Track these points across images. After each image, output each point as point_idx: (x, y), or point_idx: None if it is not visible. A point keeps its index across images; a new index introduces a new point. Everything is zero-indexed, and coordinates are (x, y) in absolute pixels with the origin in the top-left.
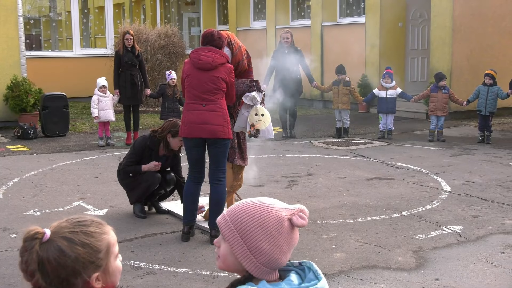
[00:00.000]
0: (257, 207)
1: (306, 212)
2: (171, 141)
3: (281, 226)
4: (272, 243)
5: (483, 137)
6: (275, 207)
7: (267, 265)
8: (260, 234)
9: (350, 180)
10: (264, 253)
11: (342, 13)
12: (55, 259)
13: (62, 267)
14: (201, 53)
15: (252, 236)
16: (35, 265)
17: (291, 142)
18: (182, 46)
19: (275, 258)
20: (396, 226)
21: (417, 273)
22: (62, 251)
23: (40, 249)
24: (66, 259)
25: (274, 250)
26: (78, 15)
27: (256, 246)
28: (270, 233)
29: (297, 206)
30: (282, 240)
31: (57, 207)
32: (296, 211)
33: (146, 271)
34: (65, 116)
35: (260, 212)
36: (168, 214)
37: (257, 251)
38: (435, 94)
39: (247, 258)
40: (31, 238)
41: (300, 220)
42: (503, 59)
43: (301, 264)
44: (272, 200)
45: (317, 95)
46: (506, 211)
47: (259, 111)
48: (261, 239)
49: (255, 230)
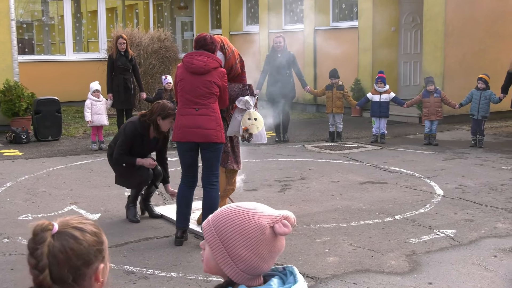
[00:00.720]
0: (240, 213)
1: (291, 219)
2: (161, 123)
3: (261, 234)
4: (252, 250)
5: (476, 141)
6: (258, 214)
7: (247, 271)
8: (240, 241)
9: (343, 184)
10: (243, 260)
11: (335, 18)
12: (70, 247)
13: (76, 256)
14: (194, 57)
15: (232, 242)
16: (46, 259)
17: (284, 146)
18: (175, 50)
19: (255, 265)
20: (389, 230)
21: (410, 277)
22: (76, 238)
23: (53, 240)
24: (81, 247)
25: (254, 257)
26: (71, 19)
27: (236, 252)
28: (250, 240)
29: (282, 213)
30: (263, 248)
31: (49, 212)
32: (280, 219)
33: (139, 275)
34: (58, 120)
35: (242, 219)
36: (161, 219)
37: (237, 257)
38: (427, 99)
39: (227, 264)
40: (41, 230)
41: (283, 228)
42: (495, 63)
43: (284, 269)
44: (258, 205)
45: (310, 99)
46: (498, 215)
47: (252, 115)
48: (240, 246)
49: (235, 237)
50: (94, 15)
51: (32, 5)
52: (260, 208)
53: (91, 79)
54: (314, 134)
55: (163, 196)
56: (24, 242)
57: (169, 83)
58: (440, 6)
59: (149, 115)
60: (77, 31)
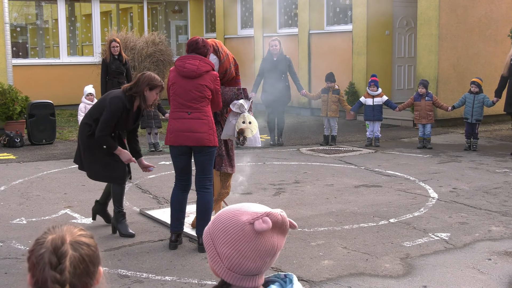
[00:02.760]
0: (228, 212)
1: (275, 216)
2: (148, 94)
3: (240, 230)
4: (232, 247)
5: (470, 144)
6: (241, 212)
7: (233, 269)
8: (222, 238)
9: (337, 187)
10: (226, 257)
11: (329, 21)
12: (87, 255)
13: (92, 262)
14: (185, 61)
15: (217, 240)
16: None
17: (279, 150)
18: (169, 53)
19: (237, 262)
20: (384, 233)
21: (405, 280)
22: (88, 245)
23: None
24: (94, 253)
25: (235, 254)
26: (65, 23)
27: (220, 250)
28: (230, 237)
29: (266, 210)
30: (244, 245)
31: (43, 216)
32: (261, 215)
33: (134, 279)
34: (52, 124)
35: (225, 217)
36: (155, 222)
37: (222, 255)
38: (419, 103)
39: (215, 261)
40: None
41: (261, 224)
42: (489, 67)
43: (286, 276)
44: (251, 205)
45: (304, 102)
46: (492, 218)
47: (247, 118)
48: (223, 243)
49: (218, 234)
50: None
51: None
52: (249, 207)
53: (85, 83)
54: (309, 137)
55: (157, 200)
56: (18, 246)
57: None
58: (434, 10)
59: (135, 88)
60: (71, 35)
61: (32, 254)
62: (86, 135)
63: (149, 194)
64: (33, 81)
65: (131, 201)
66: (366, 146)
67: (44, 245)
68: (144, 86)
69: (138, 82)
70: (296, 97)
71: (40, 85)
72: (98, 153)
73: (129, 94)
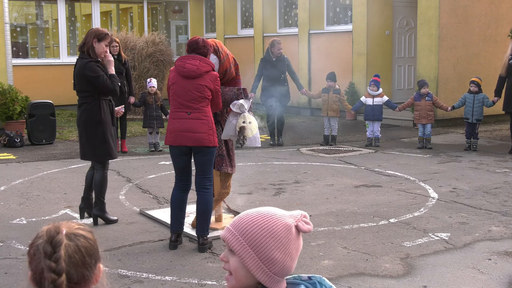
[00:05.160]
0: (263, 217)
1: (307, 217)
2: (97, 46)
3: (290, 233)
4: (283, 251)
5: (470, 144)
6: (280, 215)
7: (280, 274)
8: (271, 243)
9: (337, 187)
10: (277, 262)
11: (329, 21)
12: (84, 246)
13: (89, 255)
14: (185, 61)
15: (263, 246)
16: (64, 262)
17: (279, 150)
18: (169, 54)
19: (288, 266)
20: (384, 233)
21: (405, 280)
22: (86, 238)
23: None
24: (91, 246)
25: (286, 258)
26: (65, 23)
27: (268, 256)
28: (280, 241)
29: (300, 212)
30: (292, 247)
31: (43, 216)
32: (301, 217)
33: (134, 279)
34: (52, 124)
35: (268, 221)
36: (155, 222)
37: (270, 261)
38: (419, 102)
39: (261, 270)
40: (56, 233)
41: (306, 225)
42: (489, 67)
43: (310, 279)
44: (273, 208)
45: (304, 102)
46: (492, 218)
47: (247, 118)
48: (272, 249)
49: (266, 240)
50: (88, 19)
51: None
52: (278, 210)
53: None
54: (309, 137)
55: (157, 200)
56: (18, 246)
57: (151, 86)
58: (434, 10)
59: (86, 45)
60: (71, 35)
61: (31, 247)
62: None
63: (149, 194)
64: (33, 81)
65: (131, 201)
66: (366, 146)
67: (40, 237)
68: (91, 38)
69: (86, 37)
70: (296, 97)
71: (40, 85)
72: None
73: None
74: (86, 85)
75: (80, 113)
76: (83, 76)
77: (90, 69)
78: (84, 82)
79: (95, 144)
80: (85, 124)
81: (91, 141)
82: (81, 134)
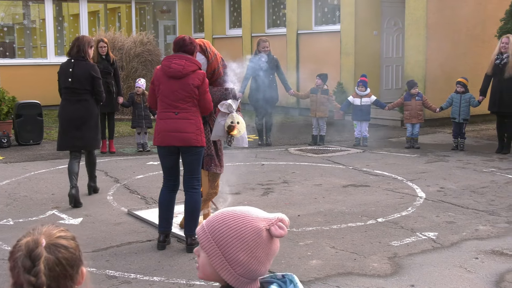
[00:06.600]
0: (235, 217)
1: (286, 222)
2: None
3: (258, 237)
4: (249, 254)
5: (457, 144)
6: (253, 217)
7: (245, 275)
8: (237, 245)
9: (326, 187)
10: (241, 264)
11: (318, 21)
12: (64, 258)
13: (70, 265)
14: (171, 60)
15: (230, 247)
16: (44, 276)
17: (267, 150)
18: (157, 53)
19: (253, 269)
20: (372, 232)
21: (393, 280)
22: (66, 248)
23: (47, 254)
24: (72, 255)
25: (252, 261)
26: (53, 23)
27: (233, 257)
28: (247, 244)
29: (277, 216)
30: (260, 251)
31: (31, 216)
32: (275, 221)
33: (122, 280)
34: (39, 124)
35: (238, 223)
36: (143, 222)
37: (235, 262)
38: (409, 102)
39: (225, 269)
40: (35, 246)
41: (279, 230)
42: (476, 67)
43: (283, 277)
44: (251, 209)
45: (293, 102)
46: (479, 217)
47: (235, 118)
48: (238, 250)
49: (232, 241)
50: (76, 19)
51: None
52: (255, 212)
53: None
54: (297, 137)
55: (145, 200)
56: (5, 247)
57: (138, 87)
58: (421, 11)
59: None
60: (58, 35)
61: (11, 257)
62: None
63: (137, 195)
64: (20, 81)
65: (119, 201)
66: (354, 146)
67: (19, 248)
68: (87, 46)
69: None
70: (284, 97)
71: (27, 85)
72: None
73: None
74: (89, 84)
75: (78, 108)
76: (89, 75)
77: (96, 71)
78: (88, 81)
79: (94, 135)
80: (86, 117)
81: (92, 132)
82: (78, 126)
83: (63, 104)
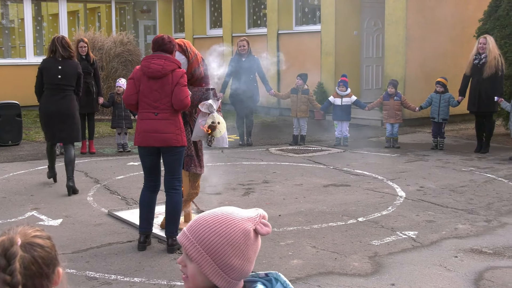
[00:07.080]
0: (220, 222)
1: (266, 217)
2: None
3: (248, 239)
4: (242, 257)
5: (437, 143)
6: (238, 219)
7: (238, 278)
8: (230, 251)
9: (306, 187)
10: (236, 269)
11: (298, 22)
12: (40, 256)
13: (46, 264)
14: (151, 61)
15: (222, 254)
16: (20, 274)
17: (248, 150)
18: (138, 54)
19: (246, 270)
20: (352, 232)
21: (373, 279)
22: (42, 247)
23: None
24: (48, 254)
25: (245, 263)
26: (32, 23)
27: (227, 263)
28: (239, 248)
29: (257, 213)
30: (251, 252)
31: (9, 218)
32: (259, 219)
33: (102, 281)
34: (18, 124)
35: (225, 227)
36: (124, 223)
37: (229, 268)
38: (387, 102)
39: (219, 276)
40: (10, 245)
41: (265, 228)
42: (455, 67)
43: (267, 275)
44: (230, 209)
45: (273, 102)
46: (459, 216)
47: (216, 119)
48: (231, 256)
49: (224, 248)
50: (55, 18)
51: None
52: (236, 212)
53: None
54: (278, 137)
55: (126, 201)
56: None
57: (118, 86)
58: (401, 11)
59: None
60: (38, 35)
61: None
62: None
63: (117, 195)
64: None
65: (99, 202)
66: (335, 146)
67: None
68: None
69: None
70: (265, 97)
71: (6, 86)
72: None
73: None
74: (75, 81)
75: (64, 103)
76: (77, 73)
77: (80, 68)
78: (75, 78)
79: (78, 127)
80: (71, 111)
81: (76, 124)
82: (63, 120)
83: (47, 99)
